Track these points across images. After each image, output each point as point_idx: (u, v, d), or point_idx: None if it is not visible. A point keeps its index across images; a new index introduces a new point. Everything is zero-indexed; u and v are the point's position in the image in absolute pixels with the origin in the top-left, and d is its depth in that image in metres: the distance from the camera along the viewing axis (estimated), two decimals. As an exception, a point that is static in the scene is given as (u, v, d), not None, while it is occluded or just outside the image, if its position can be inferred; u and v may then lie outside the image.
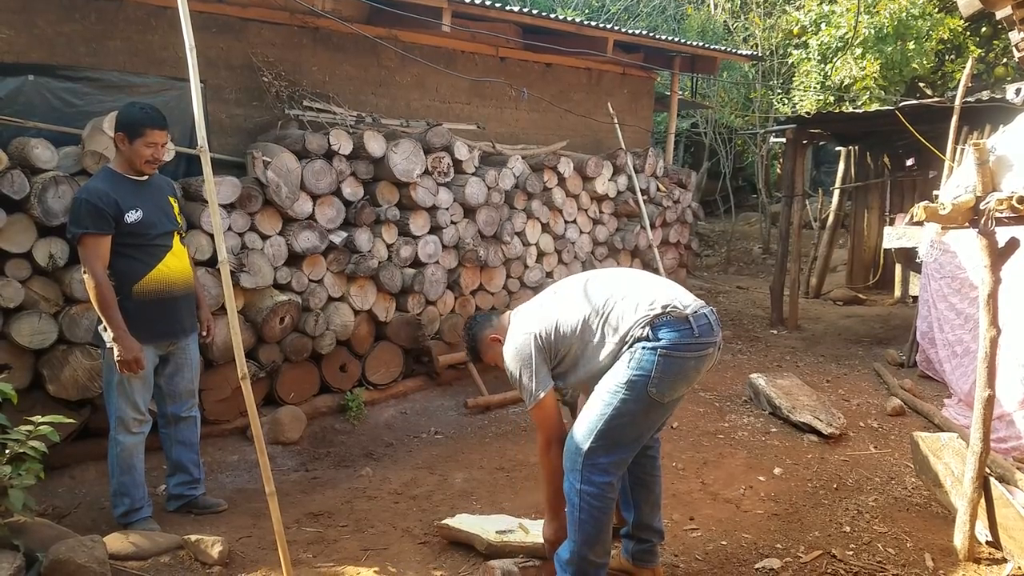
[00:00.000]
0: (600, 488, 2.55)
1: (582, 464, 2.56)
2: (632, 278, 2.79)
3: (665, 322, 2.53)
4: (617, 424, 2.54)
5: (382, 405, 5.33)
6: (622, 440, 2.57)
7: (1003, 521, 3.22)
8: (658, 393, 2.51)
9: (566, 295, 2.77)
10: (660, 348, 2.50)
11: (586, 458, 2.56)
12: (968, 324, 5.40)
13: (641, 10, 14.76)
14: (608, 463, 2.56)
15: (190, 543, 3.12)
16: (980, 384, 3.22)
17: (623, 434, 2.56)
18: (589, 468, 2.55)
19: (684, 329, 2.54)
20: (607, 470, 2.56)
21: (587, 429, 2.57)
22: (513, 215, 6.11)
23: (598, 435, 2.54)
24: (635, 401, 2.52)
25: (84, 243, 3.16)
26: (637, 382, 2.50)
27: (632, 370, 2.51)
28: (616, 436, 2.55)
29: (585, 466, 2.56)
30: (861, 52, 10.67)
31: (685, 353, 2.53)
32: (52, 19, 4.40)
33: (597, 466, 2.56)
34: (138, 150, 3.27)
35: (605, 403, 2.55)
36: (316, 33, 5.50)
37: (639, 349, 2.52)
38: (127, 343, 3.17)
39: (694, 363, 2.57)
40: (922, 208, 2.97)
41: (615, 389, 2.54)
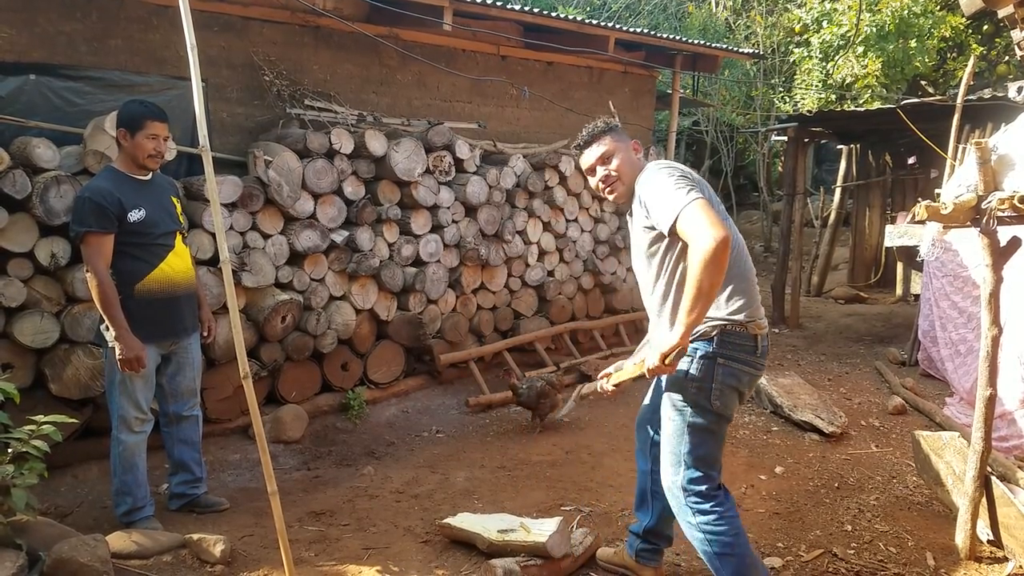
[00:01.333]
0: (715, 512, 2.46)
1: (685, 498, 2.49)
2: (747, 262, 2.56)
3: (737, 333, 2.44)
4: (697, 441, 2.46)
5: (383, 404, 5.34)
6: (707, 456, 2.49)
7: (1004, 520, 3.22)
8: (721, 406, 2.44)
9: None
10: (720, 358, 2.42)
11: (686, 492, 2.48)
12: (971, 323, 5.40)
13: (643, 8, 14.74)
14: (708, 487, 2.48)
15: (192, 542, 3.12)
16: (981, 383, 3.22)
17: (706, 450, 2.48)
18: (695, 499, 2.47)
19: (748, 346, 2.46)
20: (709, 494, 2.48)
21: (674, 459, 2.50)
22: (514, 214, 6.11)
23: (686, 460, 2.47)
24: (703, 412, 2.44)
25: (87, 242, 3.16)
26: (699, 394, 2.43)
27: (692, 381, 2.44)
28: (701, 453, 2.47)
29: (689, 500, 2.48)
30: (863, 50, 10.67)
31: (743, 367, 2.46)
32: (53, 18, 4.40)
33: (700, 494, 2.48)
34: (140, 143, 3.28)
35: (678, 423, 2.48)
36: (317, 32, 5.50)
37: (697, 356, 2.43)
38: (129, 342, 3.17)
39: (748, 379, 2.49)
40: (924, 207, 2.97)
41: (680, 406, 2.47)
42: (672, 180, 2.34)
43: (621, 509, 3.68)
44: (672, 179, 2.35)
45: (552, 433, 4.92)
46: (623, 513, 3.64)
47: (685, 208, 2.25)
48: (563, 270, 6.65)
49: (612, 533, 3.41)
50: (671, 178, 2.35)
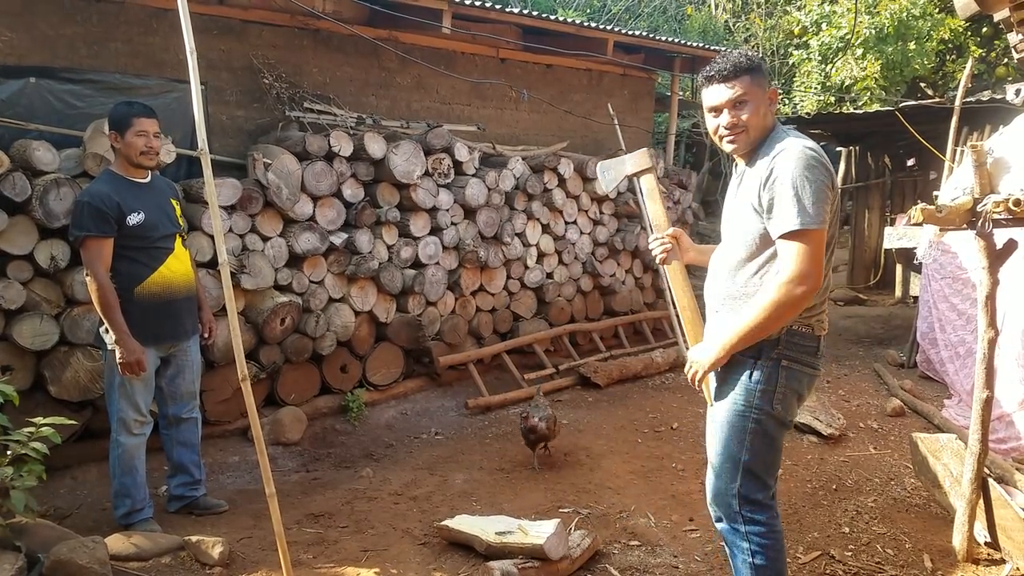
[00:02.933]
0: (766, 525, 2.36)
1: (739, 506, 2.37)
2: None
3: (802, 332, 2.30)
4: (758, 448, 2.33)
5: (382, 406, 5.34)
6: (767, 464, 2.38)
7: (1001, 522, 3.23)
8: (783, 411, 2.31)
9: None
10: (784, 359, 2.28)
11: (741, 498, 2.36)
12: (971, 324, 5.40)
13: (642, 11, 14.76)
14: (763, 496, 2.37)
15: (191, 544, 3.13)
16: (978, 385, 3.23)
17: (767, 458, 2.36)
18: (748, 507, 2.36)
19: (811, 347, 2.33)
20: (763, 504, 2.37)
21: (731, 465, 2.37)
22: (513, 216, 6.12)
23: (745, 468, 2.35)
24: (767, 420, 2.31)
25: (86, 245, 3.17)
26: (763, 398, 2.29)
27: (757, 384, 2.30)
28: (761, 463, 2.36)
29: (743, 506, 2.36)
30: (862, 52, 10.68)
31: (805, 369, 2.33)
32: (53, 21, 4.42)
33: (755, 503, 2.36)
34: (131, 142, 3.29)
35: (739, 429, 2.33)
36: (316, 35, 5.51)
37: (761, 360, 2.29)
38: (129, 345, 3.18)
39: (808, 380, 2.36)
40: (919, 210, 2.97)
41: (743, 410, 2.32)
42: (818, 190, 2.10)
43: (619, 511, 3.69)
44: (820, 189, 2.11)
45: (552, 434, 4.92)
46: (621, 515, 3.65)
47: (808, 233, 2.09)
48: (562, 272, 6.65)
49: (611, 535, 3.42)
50: (819, 185, 2.11)
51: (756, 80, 2.28)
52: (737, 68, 2.27)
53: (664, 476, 4.21)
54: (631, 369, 6.24)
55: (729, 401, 2.36)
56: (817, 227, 2.10)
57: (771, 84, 2.34)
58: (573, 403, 5.65)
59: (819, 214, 2.10)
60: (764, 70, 2.33)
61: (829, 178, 2.15)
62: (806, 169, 2.12)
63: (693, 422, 5.06)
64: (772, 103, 2.34)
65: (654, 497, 3.88)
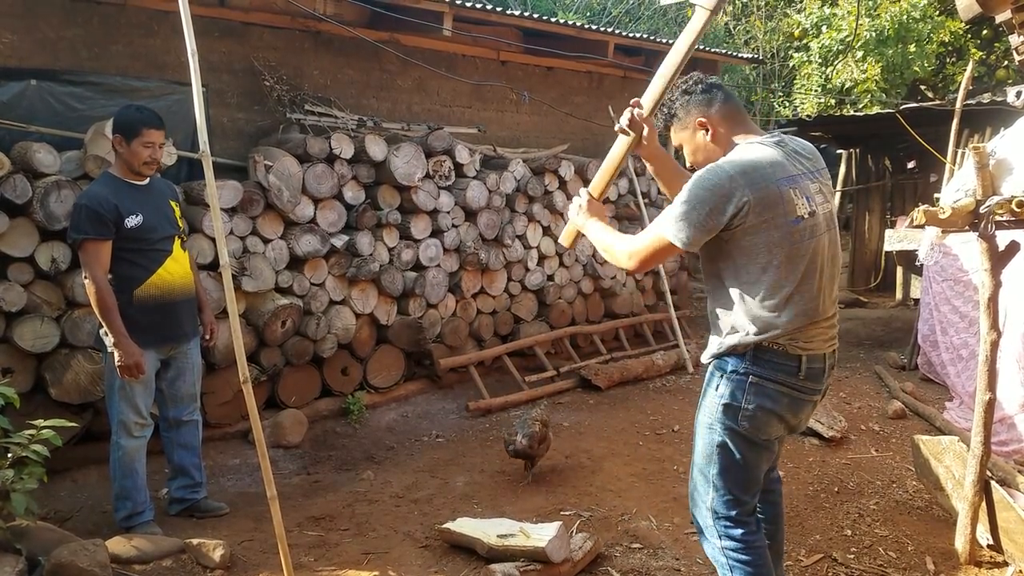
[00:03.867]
0: (742, 541, 2.30)
1: (713, 520, 2.32)
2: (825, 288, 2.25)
3: (772, 350, 2.19)
4: (728, 464, 2.28)
5: (383, 408, 5.33)
6: (740, 483, 2.31)
7: (1004, 524, 3.22)
8: (751, 428, 2.23)
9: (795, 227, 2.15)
10: (752, 375, 2.21)
11: (715, 513, 2.32)
12: (972, 327, 5.39)
13: (642, 13, 14.77)
14: (738, 512, 2.31)
15: (192, 547, 3.12)
16: (980, 387, 3.22)
17: (738, 476, 2.29)
18: (723, 523, 2.31)
19: (788, 366, 2.21)
20: (739, 520, 2.31)
21: (703, 480, 2.34)
22: (514, 218, 6.12)
23: (715, 483, 2.30)
24: (731, 437, 2.25)
25: (84, 248, 3.17)
26: (727, 414, 2.24)
27: (720, 398, 2.26)
28: (733, 478, 2.29)
29: (717, 522, 2.32)
30: (862, 55, 10.69)
31: (780, 388, 2.22)
32: (55, 23, 4.42)
33: (729, 519, 2.31)
34: (136, 151, 3.28)
35: (707, 442, 2.30)
36: (318, 37, 5.52)
37: (727, 374, 2.24)
38: (128, 348, 3.17)
39: (787, 401, 2.23)
40: (921, 212, 2.97)
41: (710, 424, 2.29)
42: (688, 206, 2.13)
43: (621, 513, 3.68)
44: (690, 204, 2.13)
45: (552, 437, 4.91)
46: (623, 517, 3.64)
47: (658, 238, 2.22)
48: (563, 274, 6.65)
49: (612, 538, 3.41)
50: (690, 200, 2.13)
51: (679, 124, 2.37)
52: (665, 121, 2.41)
53: (665, 478, 4.20)
54: (632, 371, 6.23)
55: (701, 411, 2.34)
56: (668, 237, 2.18)
57: (698, 116, 2.31)
58: (574, 405, 5.64)
59: (674, 227, 2.15)
60: (682, 110, 2.35)
61: (711, 192, 2.11)
62: (691, 185, 2.16)
63: (694, 424, 5.05)
64: (706, 129, 2.31)
65: (655, 499, 3.87)
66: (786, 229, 2.13)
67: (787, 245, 2.14)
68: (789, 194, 2.15)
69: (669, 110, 2.38)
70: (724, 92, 2.36)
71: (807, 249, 2.17)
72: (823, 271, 2.22)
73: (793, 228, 2.14)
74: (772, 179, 2.14)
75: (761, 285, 2.17)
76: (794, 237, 2.15)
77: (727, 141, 2.29)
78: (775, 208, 2.12)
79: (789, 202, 2.14)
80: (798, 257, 2.16)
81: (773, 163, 2.17)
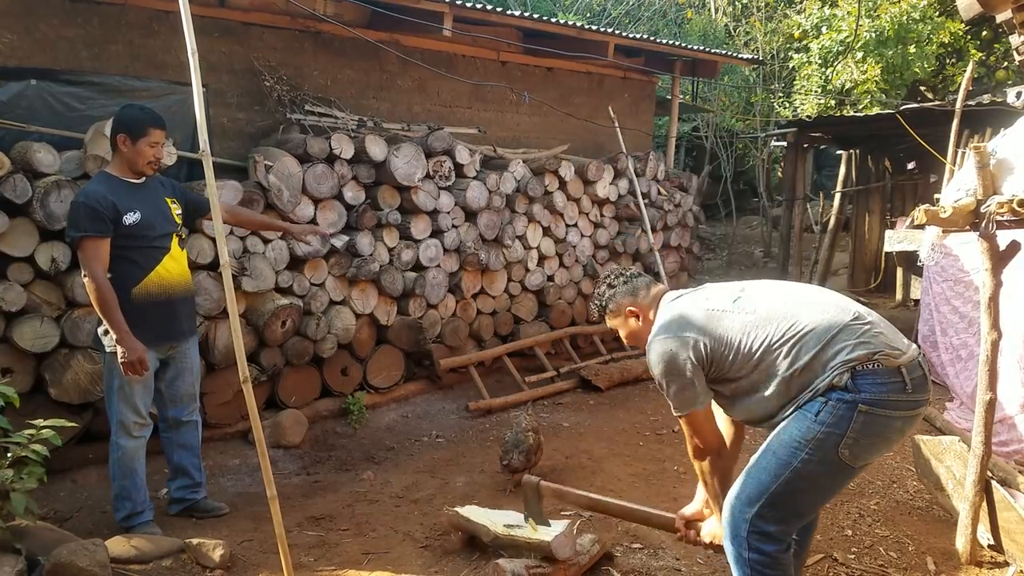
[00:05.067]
0: (771, 557, 2.21)
1: (747, 532, 2.21)
2: (827, 301, 2.30)
3: (871, 371, 2.10)
4: (795, 488, 2.17)
5: (383, 408, 5.33)
6: (797, 507, 2.23)
7: (1005, 524, 3.22)
8: (851, 456, 2.12)
9: (740, 305, 2.31)
10: (861, 403, 2.08)
11: (752, 525, 2.21)
12: (972, 327, 5.39)
13: (642, 14, 14.78)
14: (778, 531, 2.21)
15: (191, 547, 3.12)
16: (981, 387, 3.22)
17: (800, 500, 2.21)
18: (756, 537, 2.21)
19: (894, 382, 2.11)
20: (776, 538, 2.21)
21: (756, 490, 2.21)
22: (514, 219, 6.12)
23: (770, 499, 2.18)
24: (820, 463, 2.13)
25: (83, 246, 3.15)
26: (826, 440, 2.10)
27: (821, 425, 2.11)
28: (791, 502, 2.20)
29: (751, 534, 2.21)
30: (862, 56, 10.69)
31: (891, 412, 2.10)
32: (54, 23, 4.42)
33: (765, 534, 2.20)
34: (141, 150, 3.27)
35: (782, 462, 2.17)
36: (318, 37, 5.52)
37: (833, 400, 2.11)
38: (131, 344, 3.15)
39: (900, 424, 2.14)
40: (923, 211, 2.97)
41: (796, 445, 2.14)
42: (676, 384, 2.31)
43: (621, 514, 3.67)
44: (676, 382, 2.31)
45: (552, 438, 4.91)
46: (623, 518, 3.63)
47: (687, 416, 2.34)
48: (563, 275, 6.65)
49: (612, 538, 3.41)
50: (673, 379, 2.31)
51: (611, 314, 2.60)
52: (599, 312, 2.66)
53: (666, 479, 4.20)
54: (632, 372, 6.22)
55: (786, 430, 2.21)
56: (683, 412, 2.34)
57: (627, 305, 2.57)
58: (574, 406, 5.64)
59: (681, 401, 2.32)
60: (612, 302, 2.59)
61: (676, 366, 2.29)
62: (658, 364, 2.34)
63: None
64: (637, 316, 2.55)
65: (656, 500, 3.87)
66: (737, 314, 2.30)
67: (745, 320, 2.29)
68: (717, 297, 2.39)
69: (601, 303, 2.63)
70: (642, 276, 2.64)
71: (764, 308, 2.30)
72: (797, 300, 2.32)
73: (736, 308, 2.32)
74: (701, 310, 2.35)
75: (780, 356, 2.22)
76: (743, 310, 2.31)
77: (648, 308, 2.54)
78: (718, 321, 2.30)
79: (721, 301, 2.36)
80: (763, 319, 2.27)
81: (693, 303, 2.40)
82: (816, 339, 2.17)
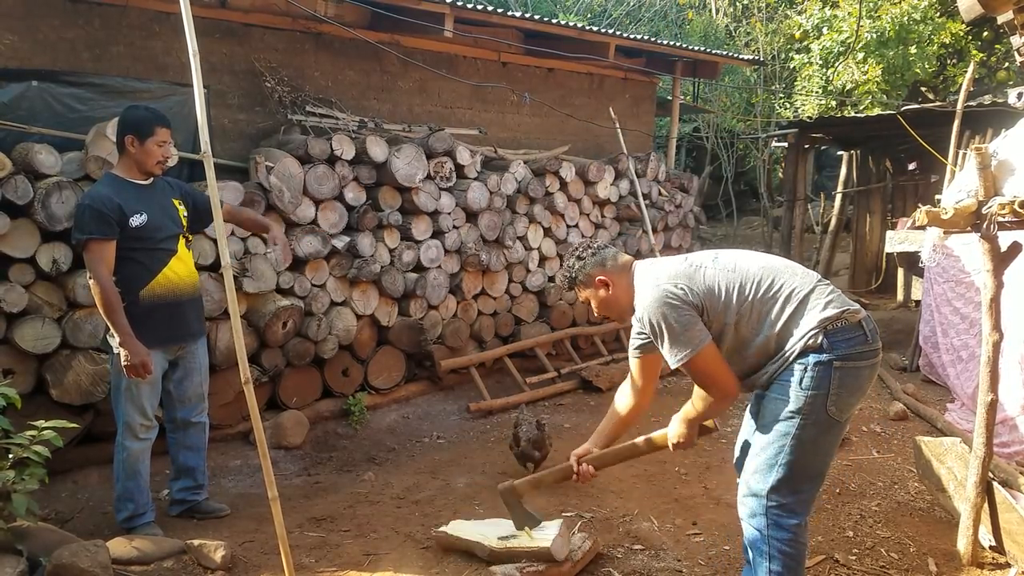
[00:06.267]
0: (792, 531, 2.30)
1: (766, 508, 2.30)
2: (794, 266, 2.47)
3: (840, 328, 2.28)
4: (799, 454, 2.28)
5: (384, 409, 5.33)
6: (806, 472, 2.32)
7: (1006, 525, 3.22)
8: (836, 411, 2.28)
9: (719, 263, 2.43)
10: (835, 360, 2.25)
11: (770, 499, 2.30)
12: (973, 328, 5.39)
13: (643, 15, 14.78)
14: (795, 502, 2.30)
15: (193, 548, 3.12)
16: (983, 388, 3.21)
17: (806, 464, 2.31)
18: (776, 511, 2.30)
19: (858, 336, 2.30)
20: (795, 510, 2.30)
21: (766, 465, 2.32)
22: (515, 219, 6.12)
23: (780, 470, 2.29)
24: (814, 425, 2.27)
25: (89, 249, 3.15)
26: (815, 402, 2.26)
27: (807, 391, 2.26)
28: (800, 468, 2.30)
29: (771, 510, 2.30)
30: (863, 56, 10.69)
31: (859, 363, 2.29)
32: (55, 25, 4.42)
33: (784, 507, 2.30)
34: (150, 150, 3.27)
35: (781, 433, 2.30)
36: (319, 38, 5.52)
37: (811, 364, 2.26)
38: (134, 348, 3.15)
39: (868, 372, 2.33)
40: (924, 212, 2.97)
41: (790, 416, 2.29)
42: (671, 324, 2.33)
43: (622, 515, 3.67)
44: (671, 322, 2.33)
45: (553, 439, 4.90)
46: (624, 519, 3.63)
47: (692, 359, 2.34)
48: (564, 276, 6.64)
49: (613, 539, 3.41)
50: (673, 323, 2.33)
51: (582, 285, 2.64)
52: (569, 284, 2.69)
53: (667, 480, 4.20)
54: (633, 373, 6.21)
55: (778, 404, 2.34)
56: (688, 355, 2.33)
57: (597, 275, 2.58)
58: (575, 407, 5.63)
59: (684, 343, 2.33)
60: (583, 275, 2.62)
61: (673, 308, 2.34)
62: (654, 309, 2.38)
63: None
64: (607, 286, 2.57)
65: (657, 501, 3.87)
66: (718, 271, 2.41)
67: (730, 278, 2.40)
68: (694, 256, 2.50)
69: (570, 275, 2.66)
70: (609, 247, 2.66)
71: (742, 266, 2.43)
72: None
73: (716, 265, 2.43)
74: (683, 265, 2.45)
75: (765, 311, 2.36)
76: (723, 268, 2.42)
77: (627, 284, 2.55)
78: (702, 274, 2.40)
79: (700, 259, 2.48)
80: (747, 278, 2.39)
81: (673, 262, 2.50)
82: (796, 298, 2.34)
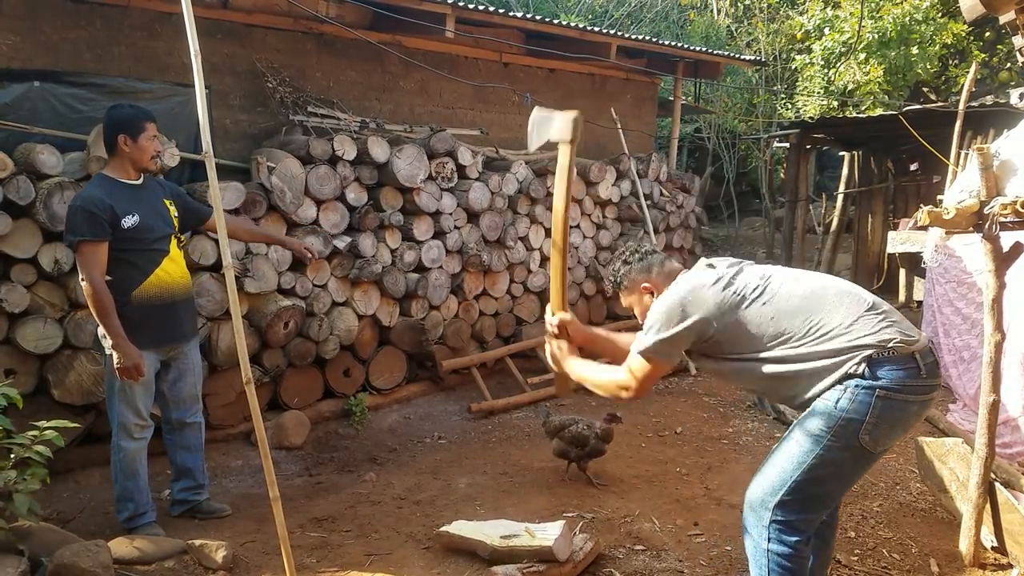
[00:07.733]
0: (793, 548, 2.22)
1: (770, 520, 2.23)
2: (843, 290, 2.34)
3: (887, 358, 2.15)
4: (818, 476, 2.19)
5: (385, 410, 5.33)
6: (820, 495, 2.24)
7: (1008, 526, 3.21)
8: (871, 441, 2.15)
9: (759, 295, 2.30)
10: (879, 389, 2.12)
11: (775, 514, 2.23)
12: (975, 329, 5.38)
13: (644, 16, 14.78)
14: (800, 521, 2.23)
15: (194, 548, 3.12)
16: (985, 389, 3.21)
17: (822, 488, 2.23)
18: (779, 526, 2.23)
19: (910, 368, 2.15)
20: (799, 528, 2.23)
21: (779, 479, 2.23)
22: (516, 220, 6.12)
23: (793, 487, 2.20)
24: (843, 449, 2.16)
25: (81, 250, 3.13)
26: (847, 427, 2.13)
27: (842, 412, 2.14)
28: (814, 490, 2.22)
29: (773, 524, 2.23)
30: (865, 57, 10.68)
31: (908, 397, 2.15)
32: (58, 25, 4.43)
33: (788, 524, 2.22)
34: (144, 146, 3.26)
35: (805, 450, 2.19)
36: (320, 39, 5.52)
37: (851, 387, 2.14)
38: (126, 350, 3.15)
39: (916, 408, 2.18)
40: (926, 212, 2.97)
41: (818, 434, 2.17)
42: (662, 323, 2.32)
43: (624, 515, 3.67)
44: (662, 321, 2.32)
45: (554, 439, 4.91)
46: (625, 519, 3.63)
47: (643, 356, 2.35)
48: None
49: (615, 540, 3.40)
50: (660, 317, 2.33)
51: (626, 291, 2.61)
52: (613, 288, 2.67)
53: (668, 480, 4.19)
54: (634, 373, 6.21)
55: (811, 419, 2.22)
56: (650, 355, 2.33)
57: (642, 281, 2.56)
58: (576, 407, 5.62)
59: (656, 346, 2.32)
60: (626, 279, 2.58)
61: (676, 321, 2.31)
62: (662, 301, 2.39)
63: (697, 426, 5.04)
64: (652, 292, 2.52)
65: (658, 501, 3.87)
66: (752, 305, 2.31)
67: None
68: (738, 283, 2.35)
69: (615, 279, 2.62)
70: (657, 252, 2.62)
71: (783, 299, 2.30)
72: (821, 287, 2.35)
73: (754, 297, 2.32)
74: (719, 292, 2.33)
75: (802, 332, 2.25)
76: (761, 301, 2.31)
77: (663, 285, 2.51)
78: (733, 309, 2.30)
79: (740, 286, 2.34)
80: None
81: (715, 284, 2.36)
82: (837, 332, 2.21)
